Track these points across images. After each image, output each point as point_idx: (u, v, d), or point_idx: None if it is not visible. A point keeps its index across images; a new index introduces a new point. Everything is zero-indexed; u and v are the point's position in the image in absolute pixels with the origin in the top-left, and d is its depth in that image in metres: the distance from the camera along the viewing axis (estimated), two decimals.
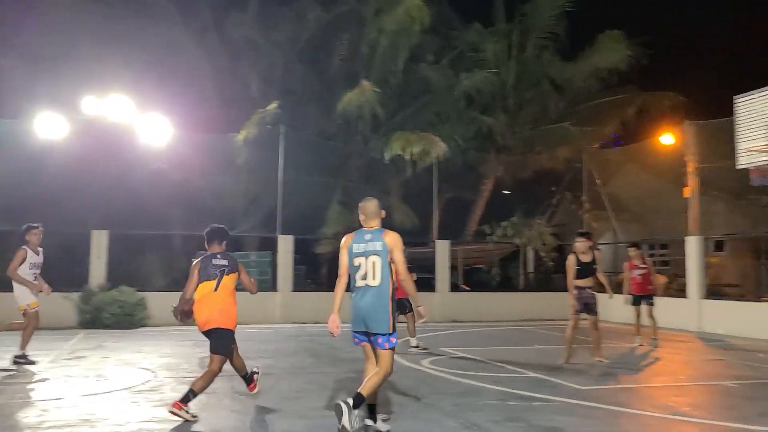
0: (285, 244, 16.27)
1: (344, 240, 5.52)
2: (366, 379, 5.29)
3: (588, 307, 9.57)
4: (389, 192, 21.05)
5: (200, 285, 6.14)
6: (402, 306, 10.08)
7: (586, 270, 9.60)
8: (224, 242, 6.44)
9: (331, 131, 20.05)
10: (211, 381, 6.12)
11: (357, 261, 5.35)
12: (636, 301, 12.31)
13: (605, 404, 6.83)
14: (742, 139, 12.69)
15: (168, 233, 18.37)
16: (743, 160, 12.61)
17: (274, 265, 16.59)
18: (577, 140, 20.05)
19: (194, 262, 6.28)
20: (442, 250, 17.27)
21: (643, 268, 12.27)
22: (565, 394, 7.37)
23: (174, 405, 5.79)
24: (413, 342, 10.78)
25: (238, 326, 6.41)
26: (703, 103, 20.69)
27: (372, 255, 5.30)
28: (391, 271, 5.33)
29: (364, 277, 5.30)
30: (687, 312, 15.09)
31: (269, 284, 16.56)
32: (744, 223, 19.24)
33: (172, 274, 16.77)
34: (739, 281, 19.18)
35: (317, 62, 20.37)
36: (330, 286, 7.96)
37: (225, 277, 6.19)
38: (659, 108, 20.01)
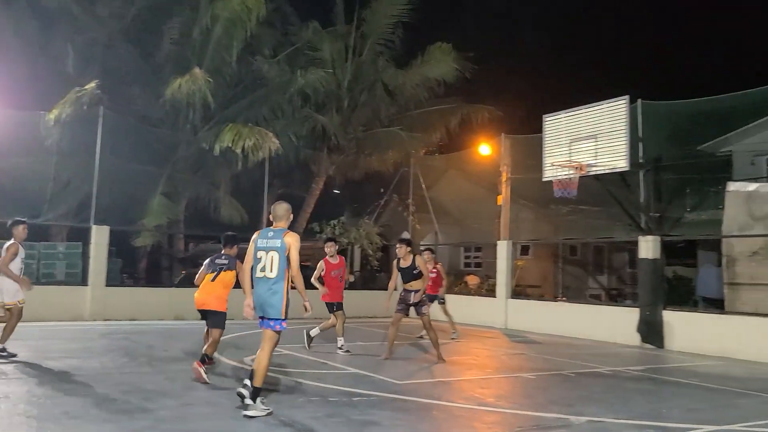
0: (99, 236, 15.09)
1: (254, 235, 6.36)
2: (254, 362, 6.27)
3: (416, 307, 10.00)
4: (218, 185, 20.40)
5: (205, 276, 8.02)
6: (329, 307, 10.98)
7: (405, 274, 10.07)
8: (233, 246, 8.28)
9: (158, 117, 18.96)
10: (216, 346, 8.06)
11: (259, 254, 6.19)
12: (429, 300, 13.23)
13: (420, 397, 7.20)
14: (549, 155, 14.06)
15: None
16: (548, 174, 13.97)
17: (85, 257, 15.34)
18: (405, 145, 20.92)
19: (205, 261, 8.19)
20: None
21: (434, 272, 12.98)
22: (384, 388, 7.65)
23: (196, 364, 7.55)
24: (340, 342, 10.78)
25: (38, 323, 5.89)
26: (518, 119, 22.61)
27: (271, 250, 6.13)
28: (289, 265, 6.16)
29: (263, 269, 6.14)
30: (495, 310, 16.39)
31: (79, 278, 15.30)
32: (546, 230, 21.37)
33: None
34: (540, 283, 21.23)
35: (144, 43, 19.15)
36: (149, 281, 7.53)
37: (222, 273, 7.98)
38: (480, 120, 21.50)
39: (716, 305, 14.95)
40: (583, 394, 7.77)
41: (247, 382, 6.05)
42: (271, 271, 6.11)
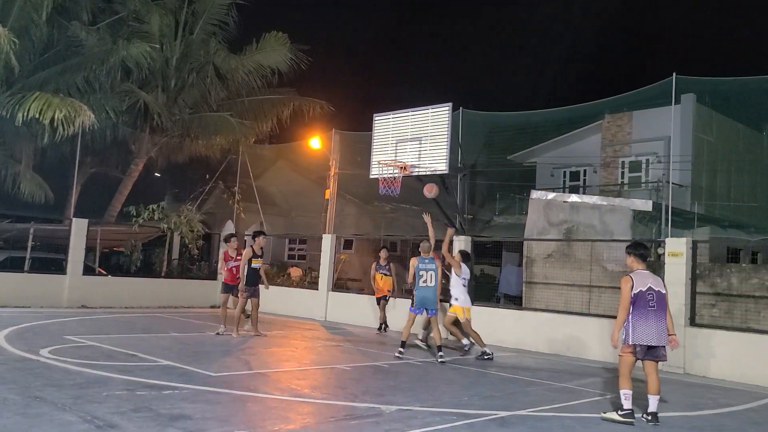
0: None
1: (412, 261, 10.46)
2: (433, 334, 10.48)
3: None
4: (19, 159, 18.40)
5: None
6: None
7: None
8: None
9: None
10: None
11: (421, 272, 10.27)
12: (226, 290, 12.46)
13: (235, 390, 7.07)
14: (376, 153, 14.51)
15: None
16: (375, 171, 14.41)
17: None
18: (235, 132, 20.37)
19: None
20: (79, 229, 15.70)
21: (240, 259, 12.12)
22: (196, 381, 7.41)
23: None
24: (421, 335, 12.17)
25: None
26: (349, 115, 23.06)
27: (430, 270, 10.28)
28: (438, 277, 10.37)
29: (425, 281, 10.25)
30: (317, 302, 16.56)
31: None
32: (369, 225, 22.05)
33: None
34: (360, 276, 21.83)
35: None
36: None
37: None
38: (312, 113, 21.59)
39: (515, 302, 16.44)
40: (395, 384, 8.14)
41: (441, 353, 10.17)
42: (431, 282, 10.22)
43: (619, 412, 6.59)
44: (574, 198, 16.90)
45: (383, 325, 14.16)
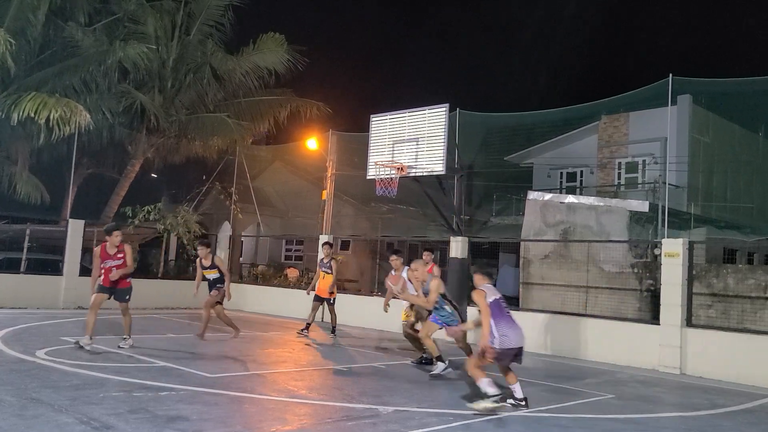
0: None
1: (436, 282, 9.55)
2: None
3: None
4: (15, 159, 18.35)
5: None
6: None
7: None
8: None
9: None
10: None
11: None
12: (100, 290, 9.80)
13: (231, 391, 7.06)
14: (373, 154, 14.49)
15: None
16: (372, 172, 14.40)
17: None
18: (232, 132, 20.35)
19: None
20: (75, 230, 15.67)
21: (119, 258, 9.84)
22: (193, 382, 7.40)
23: None
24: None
25: None
26: (346, 116, 23.06)
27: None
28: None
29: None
30: (311, 303, 16.52)
31: None
32: (366, 226, 22.05)
33: None
34: (357, 277, 21.84)
35: None
36: None
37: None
38: (309, 114, 21.57)
39: (512, 303, 16.44)
40: (392, 385, 8.13)
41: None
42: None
43: (492, 399, 6.69)
44: (570, 199, 16.92)
45: (307, 326, 12.93)
